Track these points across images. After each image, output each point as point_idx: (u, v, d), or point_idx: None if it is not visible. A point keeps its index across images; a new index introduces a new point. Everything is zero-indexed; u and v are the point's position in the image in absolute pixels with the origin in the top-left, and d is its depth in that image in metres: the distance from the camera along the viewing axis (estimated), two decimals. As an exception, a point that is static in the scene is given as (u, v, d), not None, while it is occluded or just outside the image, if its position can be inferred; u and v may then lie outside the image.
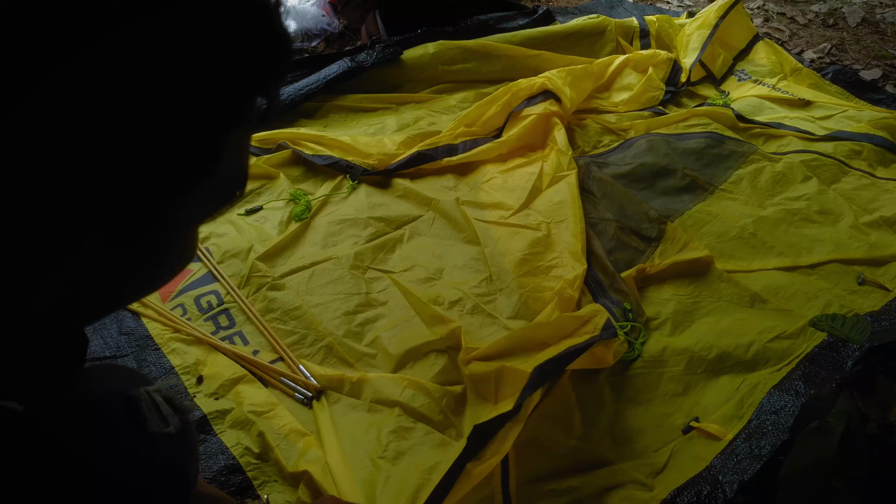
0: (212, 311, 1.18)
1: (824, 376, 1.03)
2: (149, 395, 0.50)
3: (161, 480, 0.50)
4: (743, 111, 1.75)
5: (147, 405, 0.49)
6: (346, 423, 1.02)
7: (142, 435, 0.47)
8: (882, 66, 2.11)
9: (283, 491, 0.92)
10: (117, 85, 0.28)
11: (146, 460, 0.48)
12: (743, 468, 0.91)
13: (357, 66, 1.70)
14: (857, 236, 1.37)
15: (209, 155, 0.33)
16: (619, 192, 1.42)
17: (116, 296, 0.39)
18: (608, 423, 1.03)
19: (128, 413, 0.47)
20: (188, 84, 0.30)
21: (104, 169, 0.30)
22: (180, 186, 0.33)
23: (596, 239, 1.30)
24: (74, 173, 0.29)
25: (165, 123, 0.30)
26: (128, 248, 0.34)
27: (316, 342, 1.13)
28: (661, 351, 1.12)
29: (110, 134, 0.29)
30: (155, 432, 0.48)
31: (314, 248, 1.31)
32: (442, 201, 1.40)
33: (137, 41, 0.28)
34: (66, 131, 0.28)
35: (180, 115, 0.31)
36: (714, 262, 1.28)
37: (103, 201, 0.31)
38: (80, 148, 0.29)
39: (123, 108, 0.29)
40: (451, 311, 1.19)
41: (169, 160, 0.31)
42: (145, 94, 0.29)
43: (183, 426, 0.52)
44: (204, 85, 0.31)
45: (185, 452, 0.54)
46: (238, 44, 0.31)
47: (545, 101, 1.57)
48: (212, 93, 0.31)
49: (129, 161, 0.30)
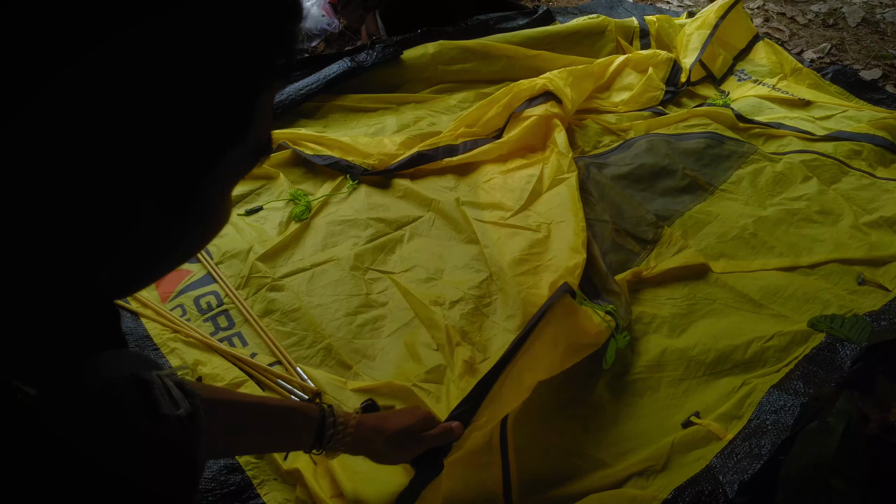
0: (211, 311, 1.18)
1: (823, 376, 1.03)
2: (160, 379, 0.51)
3: (171, 462, 0.51)
4: (743, 111, 1.75)
5: (158, 389, 0.50)
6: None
7: (153, 417, 0.48)
8: (882, 66, 2.11)
9: (281, 489, 0.92)
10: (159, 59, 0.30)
11: (157, 442, 0.49)
12: (743, 468, 0.90)
13: (357, 66, 1.70)
14: (858, 236, 1.37)
15: (244, 118, 0.35)
16: (617, 194, 1.42)
17: (163, 262, 0.42)
18: (608, 425, 1.03)
19: (140, 395, 0.49)
20: (220, 52, 0.32)
21: (151, 140, 0.32)
22: (220, 151, 0.35)
23: (593, 242, 1.30)
24: (126, 146, 0.31)
25: (202, 91, 0.32)
26: (177, 215, 0.37)
27: (315, 344, 1.13)
28: (659, 353, 1.12)
29: (154, 104, 0.31)
30: (166, 414, 0.49)
31: (314, 248, 1.31)
32: (442, 202, 1.40)
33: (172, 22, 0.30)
34: (115, 104, 0.30)
35: (215, 83, 0.33)
36: (711, 267, 1.28)
37: (152, 170, 0.33)
38: (128, 120, 0.30)
39: (165, 79, 0.31)
40: (452, 311, 1.19)
41: (209, 126, 0.34)
42: (183, 65, 0.31)
43: (193, 410, 0.53)
44: (234, 50, 0.33)
45: (195, 436, 0.55)
46: (257, 12, 0.33)
47: (546, 102, 1.57)
48: (241, 58, 0.33)
49: (174, 130, 0.32)
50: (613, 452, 0.99)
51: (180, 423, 0.50)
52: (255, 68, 0.34)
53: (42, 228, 0.33)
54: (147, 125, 0.31)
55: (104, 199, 0.33)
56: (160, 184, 0.34)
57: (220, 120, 0.34)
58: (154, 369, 0.52)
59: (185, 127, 0.32)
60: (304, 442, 0.79)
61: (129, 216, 0.34)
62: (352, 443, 0.80)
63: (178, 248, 0.42)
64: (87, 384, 0.46)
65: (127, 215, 0.34)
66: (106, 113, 0.30)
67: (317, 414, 0.79)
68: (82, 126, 0.30)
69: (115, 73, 0.29)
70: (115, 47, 0.29)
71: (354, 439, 0.80)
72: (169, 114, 0.31)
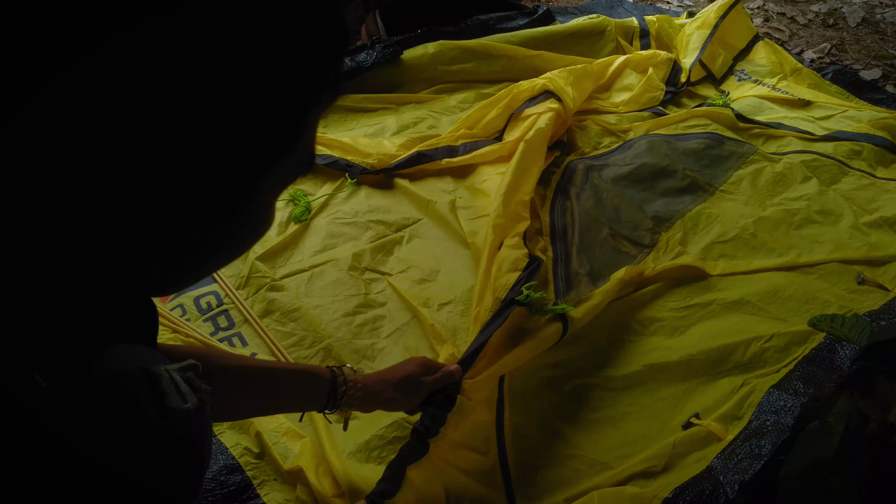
0: (211, 311, 1.18)
1: (823, 376, 1.03)
2: (168, 373, 0.52)
3: (178, 454, 0.53)
4: (743, 111, 1.75)
5: (167, 382, 0.52)
6: (338, 428, 1.01)
7: (161, 410, 0.50)
8: (882, 66, 2.11)
9: (281, 489, 0.92)
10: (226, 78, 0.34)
11: (164, 433, 0.50)
12: (743, 468, 0.90)
13: (357, 66, 1.70)
14: (858, 236, 1.37)
15: (296, 130, 0.40)
16: (615, 198, 1.41)
17: (211, 260, 0.46)
18: (608, 427, 1.03)
19: (148, 388, 0.50)
20: (280, 72, 0.36)
21: (213, 146, 0.36)
22: (274, 159, 0.39)
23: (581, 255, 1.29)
24: (188, 150, 0.35)
25: (262, 105, 0.36)
26: (230, 216, 0.40)
27: (315, 344, 1.13)
28: (659, 354, 1.12)
29: (221, 117, 0.35)
30: (173, 407, 0.50)
31: (314, 249, 1.31)
32: (437, 203, 1.40)
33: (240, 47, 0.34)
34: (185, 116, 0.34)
35: (274, 98, 0.37)
36: (708, 272, 1.28)
37: (212, 174, 0.37)
38: (194, 128, 0.34)
39: (231, 95, 0.35)
40: (440, 312, 1.19)
41: (265, 136, 0.38)
42: (247, 85, 0.35)
43: (200, 404, 0.55)
44: (291, 71, 0.37)
45: (202, 429, 0.57)
46: (313, 40, 0.37)
47: (546, 100, 1.56)
48: (297, 77, 0.37)
49: (235, 139, 0.36)
50: (614, 455, 0.99)
51: (188, 416, 0.52)
52: (308, 87, 0.38)
53: (103, 221, 0.36)
54: (211, 134, 0.35)
55: (165, 196, 0.36)
56: (218, 186, 0.38)
57: (275, 131, 0.38)
58: (163, 364, 0.54)
59: (245, 137, 0.37)
60: (317, 403, 0.83)
61: (187, 215, 0.38)
62: (363, 397, 0.84)
63: (228, 247, 0.46)
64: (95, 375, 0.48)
65: (184, 214, 0.38)
66: (172, 121, 0.34)
67: (328, 375, 0.83)
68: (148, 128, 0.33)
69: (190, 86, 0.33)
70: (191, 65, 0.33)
71: (365, 394, 0.85)
72: (231, 125, 0.36)
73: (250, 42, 0.34)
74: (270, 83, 0.36)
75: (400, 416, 1.01)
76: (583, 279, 1.23)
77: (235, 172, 0.38)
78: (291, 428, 0.99)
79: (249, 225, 0.45)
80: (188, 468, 0.55)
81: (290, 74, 0.37)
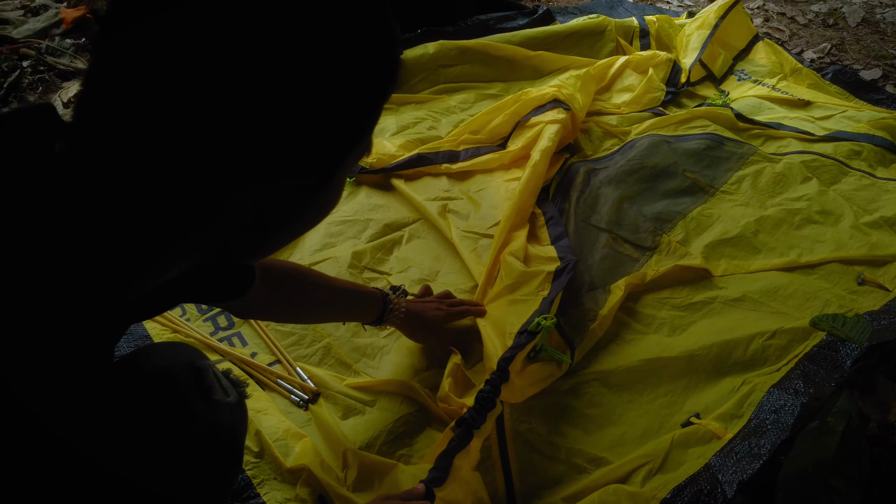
0: (211, 311, 1.18)
1: (823, 375, 1.02)
2: (212, 369, 0.55)
3: (222, 446, 0.56)
4: (743, 111, 1.75)
5: (211, 376, 0.54)
6: (343, 425, 1.02)
7: (207, 401, 0.54)
8: (882, 66, 2.11)
9: (281, 489, 0.92)
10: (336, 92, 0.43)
11: (212, 426, 0.55)
12: (742, 467, 0.90)
13: (357, 66, 1.70)
14: (858, 236, 1.37)
15: (371, 121, 0.48)
16: (616, 200, 1.41)
17: (285, 231, 0.52)
18: (608, 424, 1.03)
19: (195, 382, 0.55)
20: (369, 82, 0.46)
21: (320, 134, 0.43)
22: (355, 143, 0.47)
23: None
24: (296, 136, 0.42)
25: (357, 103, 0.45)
26: (315, 194, 0.48)
27: (314, 343, 1.13)
28: (660, 352, 1.12)
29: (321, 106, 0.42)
30: (218, 400, 0.54)
31: (313, 248, 1.31)
32: (428, 207, 1.39)
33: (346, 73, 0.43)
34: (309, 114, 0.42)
35: (363, 99, 0.46)
36: (711, 272, 1.28)
37: (312, 155, 0.44)
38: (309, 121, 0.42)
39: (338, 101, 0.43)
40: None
41: (353, 126, 0.46)
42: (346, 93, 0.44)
43: (240, 399, 0.60)
44: (376, 81, 0.46)
45: (241, 421, 0.62)
46: (383, 59, 0.47)
47: (553, 108, 1.53)
48: (378, 86, 0.47)
49: (335, 129, 0.44)
50: (614, 452, 0.99)
51: (230, 409, 0.56)
52: (383, 91, 0.47)
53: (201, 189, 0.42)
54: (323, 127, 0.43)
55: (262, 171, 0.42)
56: (314, 165, 0.45)
57: (359, 122, 0.46)
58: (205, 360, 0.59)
59: (340, 126, 0.44)
60: (370, 316, 1.01)
61: (280, 190, 0.44)
62: (404, 318, 1.03)
63: (302, 220, 0.52)
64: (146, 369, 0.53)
65: (278, 190, 0.44)
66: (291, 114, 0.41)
67: (380, 296, 1.01)
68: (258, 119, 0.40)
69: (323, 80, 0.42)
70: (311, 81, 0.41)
71: (407, 316, 1.03)
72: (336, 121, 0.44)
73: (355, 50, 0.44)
74: (362, 91, 0.45)
75: (407, 411, 1.02)
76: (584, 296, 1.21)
77: (330, 153, 0.45)
78: (291, 427, 0.99)
79: (326, 201, 0.51)
80: (231, 459, 0.58)
81: (379, 72, 0.46)
